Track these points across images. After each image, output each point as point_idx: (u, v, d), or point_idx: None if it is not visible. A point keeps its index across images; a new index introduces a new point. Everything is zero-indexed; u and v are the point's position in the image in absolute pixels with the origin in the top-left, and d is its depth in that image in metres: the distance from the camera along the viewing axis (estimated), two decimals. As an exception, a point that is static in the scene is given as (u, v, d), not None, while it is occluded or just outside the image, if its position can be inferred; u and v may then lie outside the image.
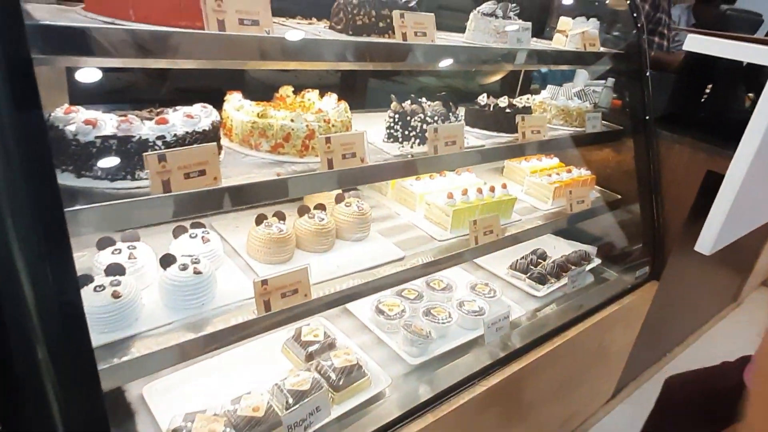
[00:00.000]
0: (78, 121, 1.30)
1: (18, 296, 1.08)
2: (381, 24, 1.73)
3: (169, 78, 1.97)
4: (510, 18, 2.13)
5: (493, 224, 2.12)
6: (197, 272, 1.48)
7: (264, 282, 1.49)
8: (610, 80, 2.82)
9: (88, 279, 1.38)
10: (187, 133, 1.40)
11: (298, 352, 1.92)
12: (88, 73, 1.43)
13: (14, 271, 1.06)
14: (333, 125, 1.70)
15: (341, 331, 2.11)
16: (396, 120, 1.91)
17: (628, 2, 2.55)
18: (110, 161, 1.31)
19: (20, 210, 1.01)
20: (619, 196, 2.83)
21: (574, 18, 2.47)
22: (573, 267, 2.71)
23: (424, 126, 1.89)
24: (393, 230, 2.16)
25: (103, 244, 1.57)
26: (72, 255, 1.05)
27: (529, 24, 2.13)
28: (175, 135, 1.37)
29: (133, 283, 1.43)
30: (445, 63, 1.80)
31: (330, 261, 1.84)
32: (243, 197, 1.42)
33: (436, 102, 2.01)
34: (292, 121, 1.63)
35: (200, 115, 1.47)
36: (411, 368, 1.97)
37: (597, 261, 2.91)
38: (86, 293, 1.35)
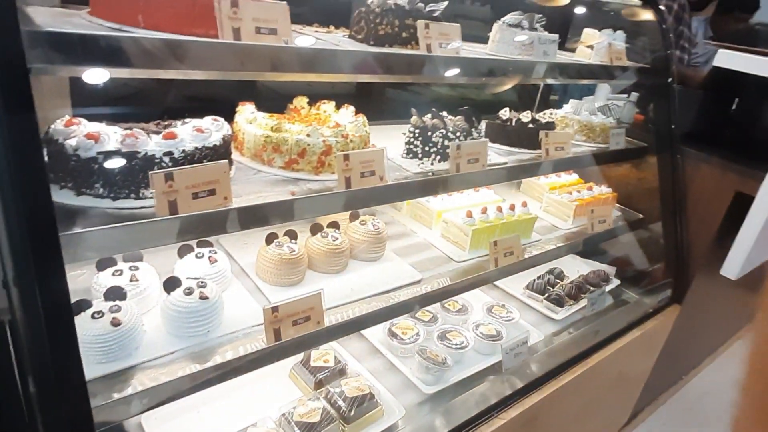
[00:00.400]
0: (79, 134, 1.20)
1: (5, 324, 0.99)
2: (404, 34, 1.63)
3: (178, 86, 1.87)
4: (536, 29, 2.03)
5: (513, 245, 2.01)
6: (203, 297, 1.38)
7: (275, 309, 1.38)
8: (633, 95, 2.71)
9: (86, 305, 1.28)
10: (196, 148, 1.29)
11: (306, 378, 1.81)
12: (93, 79, 1.33)
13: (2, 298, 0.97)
14: (351, 140, 1.60)
15: (351, 355, 2.00)
16: (416, 135, 1.81)
17: (655, 14, 2.45)
18: (113, 179, 1.21)
19: (10, 230, 0.92)
20: (641, 216, 2.72)
21: (600, 30, 2.37)
22: (591, 288, 2.60)
23: (446, 142, 1.79)
24: (409, 249, 2.05)
25: (103, 265, 1.47)
26: (65, 282, 0.95)
27: (556, 36, 2.03)
28: (183, 151, 1.26)
29: (134, 309, 1.33)
30: (470, 76, 1.70)
31: (343, 283, 1.74)
32: (255, 219, 1.32)
33: (458, 116, 1.91)
34: (308, 136, 1.53)
35: (211, 129, 1.37)
36: (425, 397, 1.86)
37: (616, 282, 2.80)
38: (83, 320, 1.25)
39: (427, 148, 1.81)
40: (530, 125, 2.15)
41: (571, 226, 2.45)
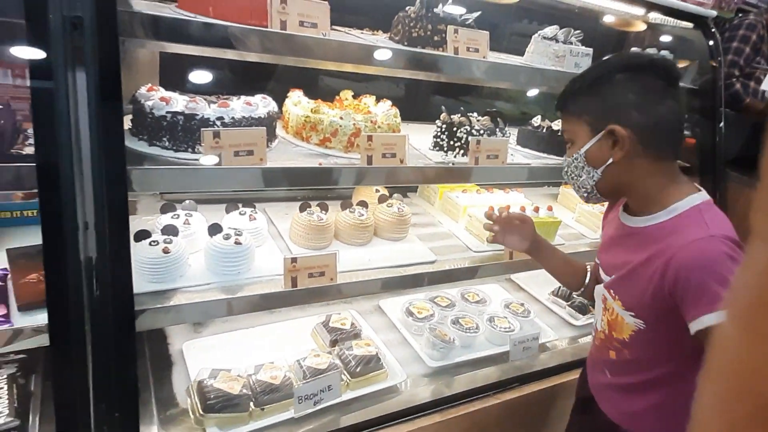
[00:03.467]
0: (155, 98, 1.52)
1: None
2: (436, 38, 1.84)
3: (248, 73, 2.19)
4: (571, 43, 2.17)
5: (530, 242, 2.13)
6: (237, 243, 1.65)
7: (293, 260, 1.63)
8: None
9: (147, 234, 1.60)
10: (243, 117, 1.58)
11: (324, 336, 2.04)
12: (177, 65, 1.66)
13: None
14: (379, 126, 1.83)
15: (370, 327, 2.20)
16: (443, 130, 2.01)
17: (706, 38, 2.48)
18: (176, 134, 1.52)
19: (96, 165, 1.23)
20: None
21: (643, 50, 2.45)
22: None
23: (470, 138, 1.97)
24: (432, 236, 2.24)
25: (165, 210, 1.80)
26: (126, 201, 1.25)
27: (589, 50, 2.15)
28: (233, 118, 1.56)
29: (183, 244, 1.63)
30: (492, 79, 1.87)
31: (364, 254, 1.96)
32: (284, 179, 1.58)
33: (485, 117, 2.08)
34: (341, 118, 1.78)
35: (258, 104, 1.66)
36: (429, 370, 2.01)
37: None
38: (142, 246, 1.56)
39: (452, 143, 2.00)
40: (560, 133, 2.27)
41: (598, 238, 2.51)
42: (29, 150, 1.28)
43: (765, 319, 0.53)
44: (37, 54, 1.11)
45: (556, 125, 2.31)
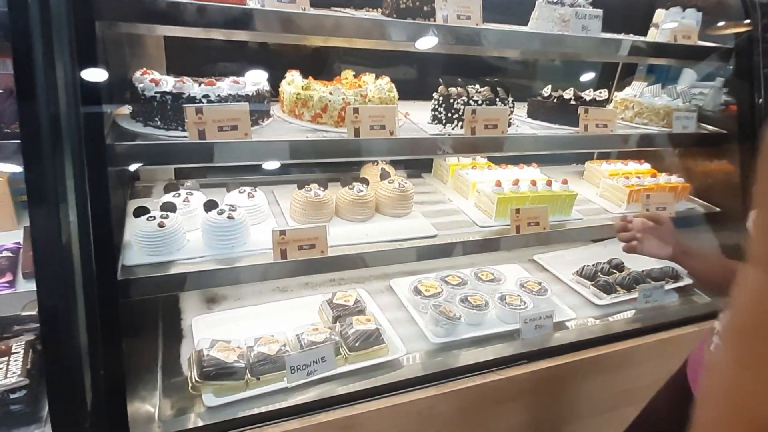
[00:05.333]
0: (146, 80, 1.61)
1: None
2: (425, 8, 1.82)
3: (255, 56, 2.26)
4: (580, 5, 2.06)
5: (539, 216, 2.06)
6: (230, 217, 1.71)
7: (282, 232, 1.67)
8: (719, 80, 2.51)
9: (145, 211, 1.69)
10: (230, 95, 1.64)
11: (327, 313, 2.06)
12: (182, 50, 1.72)
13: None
14: (369, 101, 1.83)
15: (377, 305, 2.20)
16: (440, 102, 1.97)
17: (740, -9, 2.28)
18: (166, 113, 1.60)
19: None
20: (718, 209, 2.50)
21: (667, 9, 2.29)
22: (652, 282, 2.47)
23: (465, 108, 1.92)
24: (438, 213, 2.21)
25: (168, 189, 1.89)
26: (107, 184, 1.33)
27: (599, 12, 2.04)
28: (218, 96, 1.62)
29: (179, 219, 1.71)
30: (485, 46, 1.82)
31: (362, 229, 1.97)
32: (269, 153, 1.62)
33: (485, 88, 2.02)
34: (330, 93, 1.80)
35: (246, 82, 1.71)
36: (432, 346, 1.99)
37: (687, 281, 2.59)
38: (141, 221, 1.65)
39: (449, 115, 1.96)
40: (572, 102, 2.17)
41: (623, 211, 2.37)
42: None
43: (756, 344, 0.52)
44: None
45: (567, 94, 2.20)
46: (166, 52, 2.05)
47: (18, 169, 1.30)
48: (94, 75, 1.30)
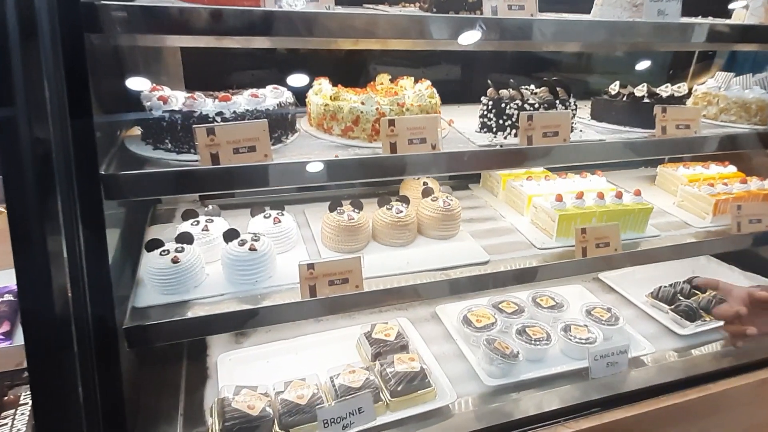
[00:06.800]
0: (154, 98, 1.42)
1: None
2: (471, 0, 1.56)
3: (286, 67, 2.06)
4: (654, -14, 1.74)
5: (610, 235, 1.75)
6: (252, 249, 1.51)
7: (310, 266, 1.45)
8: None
9: (158, 244, 1.51)
10: (247, 110, 1.43)
11: (366, 349, 1.83)
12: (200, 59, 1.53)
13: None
14: (408, 109, 1.58)
15: (422, 338, 1.96)
16: (489, 108, 1.71)
17: None
18: (176, 134, 1.40)
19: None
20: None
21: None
22: (743, 306, 2.10)
23: (521, 114, 1.65)
24: (490, 233, 1.94)
25: (186, 216, 1.71)
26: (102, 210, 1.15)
27: (678, -8, 1.71)
28: (234, 112, 1.41)
29: (197, 252, 1.52)
30: (542, 40, 1.53)
31: (403, 256, 1.72)
32: (292, 175, 1.40)
33: (542, 88, 1.74)
34: (362, 104, 1.57)
35: (266, 95, 1.50)
36: (486, 389, 1.72)
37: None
38: (153, 255, 1.47)
39: (501, 122, 1.69)
40: (645, 100, 1.85)
41: (709, 225, 2.03)
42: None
43: None
44: None
45: (639, 91, 1.88)
46: (184, 64, 1.87)
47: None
48: (83, 93, 1.12)
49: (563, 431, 1.58)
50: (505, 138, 1.69)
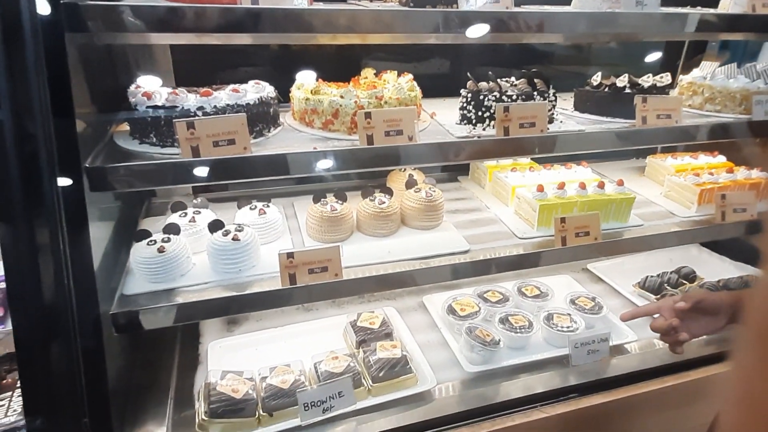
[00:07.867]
0: (139, 94, 1.48)
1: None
2: (447, -7, 1.59)
3: (271, 64, 2.12)
4: (633, -23, 1.76)
5: (590, 225, 1.78)
6: (235, 239, 1.56)
7: (290, 255, 1.50)
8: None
9: (146, 234, 1.57)
10: (228, 105, 1.48)
11: (351, 337, 1.89)
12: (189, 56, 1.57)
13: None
14: (386, 102, 1.62)
15: (407, 326, 2.00)
16: (468, 100, 1.74)
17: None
18: (160, 129, 1.46)
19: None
20: (813, 209, 2.11)
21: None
22: (731, 295, 2.11)
23: (496, 105, 1.67)
24: (473, 223, 1.97)
25: (174, 208, 1.77)
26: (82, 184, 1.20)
27: (657, -18, 1.72)
28: (215, 107, 1.46)
29: (183, 242, 1.58)
30: (525, 33, 1.56)
31: (385, 246, 1.77)
32: (272, 167, 1.45)
33: (521, 80, 1.77)
34: (341, 97, 1.61)
35: (247, 90, 1.55)
36: (467, 375, 1.76)
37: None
38: (140, 246, 1.54)
39: (480, 113, 1.72)
40: (626, 90, 1.87)
41: (694, 214, 2.04)
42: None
43: None
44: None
45: (621, 81, 1.90)
46: (174, 61, 1.93)
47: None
48: (64, 91, 1.17)
49: (540, 414, 1.61)
50: (484, 129, 1.72)
